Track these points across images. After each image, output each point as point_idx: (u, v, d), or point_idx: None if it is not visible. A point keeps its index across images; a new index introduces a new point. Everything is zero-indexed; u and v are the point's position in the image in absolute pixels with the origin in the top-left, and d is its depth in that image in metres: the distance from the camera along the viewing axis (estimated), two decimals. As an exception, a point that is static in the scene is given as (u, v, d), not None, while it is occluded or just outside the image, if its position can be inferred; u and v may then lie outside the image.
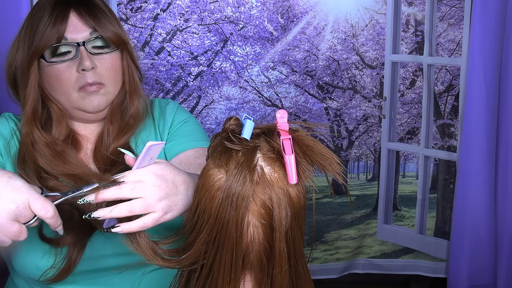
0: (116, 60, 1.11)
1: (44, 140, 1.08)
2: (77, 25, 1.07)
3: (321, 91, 2.19)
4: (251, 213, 0.76)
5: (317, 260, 2.31)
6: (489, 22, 1.85)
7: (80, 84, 1.07)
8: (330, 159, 0.77)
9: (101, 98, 1.10)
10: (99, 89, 1.09)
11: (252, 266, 0.78)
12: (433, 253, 2.26)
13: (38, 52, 1.06)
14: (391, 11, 2.13)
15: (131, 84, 1.14)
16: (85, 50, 1.06)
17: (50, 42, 1.05)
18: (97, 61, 1.08)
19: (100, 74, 1.08)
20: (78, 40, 1.06)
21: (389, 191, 2.30)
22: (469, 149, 1.96)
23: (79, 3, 1.08)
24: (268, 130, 0.80)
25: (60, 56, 1.07)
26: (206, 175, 0.79)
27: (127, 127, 1.14)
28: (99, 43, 1.09)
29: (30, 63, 1.07)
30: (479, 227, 2.01)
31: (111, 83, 1.10)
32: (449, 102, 2.14)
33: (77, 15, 1.07)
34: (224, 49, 2.09)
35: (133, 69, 1.14)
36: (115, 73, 1.11)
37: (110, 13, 1.11)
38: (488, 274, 2.04)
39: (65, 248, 1.05)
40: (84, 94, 1.08)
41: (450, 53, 2.09)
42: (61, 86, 1.08)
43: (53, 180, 1.07)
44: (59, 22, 1.05)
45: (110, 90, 1.11)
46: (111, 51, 1.10)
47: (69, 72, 1.07)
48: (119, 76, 1.12)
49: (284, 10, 2.09)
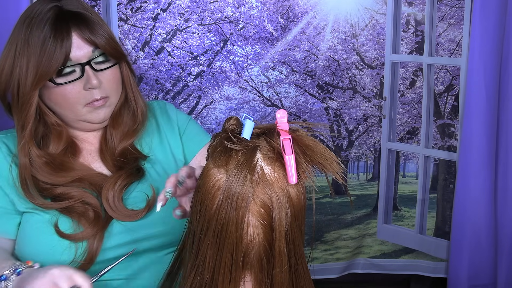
0: (116, 72, 1.15)
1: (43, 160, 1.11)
2: (79, 44, 1.08)
3: (321, 91, 2.19)
4: (251, 213, 0.76)
5: (317, 260, 2.31)
6: (489, 22, 1.85)
7: (87, 100, 1.11)
8: (330, 159, 0.77)
9: (107, 110, 1.15)
10: (105, 103, 1.14)
11: (252, 266, 0.78)
12: (433, 253, 2.26)
13: (47, 76, 1.06)
14: (391, 11, 2.13)
15: (134, 93, 1.19)
16: (90, 69, 1.10)
17: (59, 65, 1.06)
18: (101, 76, 1.12)
19: (105, 88, 1.13)
20: (81, 60, 1.09)
21: (389, 191, 2.30)
22: (469, 149, 1.96)
23: (78, 21, 1.08)
24: (268, 130, 0.80)
25: (66, 76, 1.09)
26: (206, 175, 0.79)
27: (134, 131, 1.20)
28: (101, 58, 1.12)
29: (36, 87, 1.07)
30: (479, 227, 2.00)
31: (114, 94, 1.16)
32: (449, 102, 2.14)
33: (78, 34, 1.08)
34: (224, 49, 2.09)
35: (132, 77, 1.19)
36: (117, 85, 1.16)
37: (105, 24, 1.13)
38: (488, 274, 2.04)
39: (85, 241, 1.10)
40: (91, 108, 1.13)
41: (450, 53, 2.09)
42: (69, 104, 1.11)
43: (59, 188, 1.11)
44: (64, 44, 1.06)
45: (113, 101, 1.16)
46: (112, 65, 1.13)
47: (76, 90, 1.10)
48: (120, 86, 1.17)
49: (284, 10, 2.09)
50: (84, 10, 1.11)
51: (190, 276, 0.80)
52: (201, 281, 0.78)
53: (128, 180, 1.16)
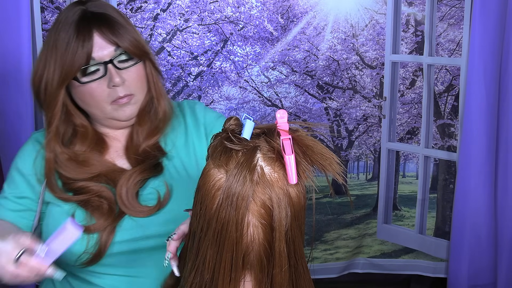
0: (140, 70, 1.18)
1: (66, 156, 1.17)
2: (101, 44, 1.13)
3: (321, 91, 2.19)
4: (251, 213, 0.76)
5: (317, 260, 2.31)
6: (489, 22, 1.85)
7: (112, 98, 1.15)
8: (330, 159, 0.77)
9: (132, 107, 1.18)
10: (129, 100, 1.17)
11: (252, 266, 0.78)
12: (433, 253, 2.26)
13: (71, 75, 1.13)
14: (391, 11, 2.13)
15: (156, 90, 1.22)
16: (113, 67, 1.13)
17: (82, 64, 1.12)
18: (124, 74, 1.15)
19: (129, 86, 1.16)
20: (104, 59, 1.13)
21: (389, 191, 2.30)
22: (469, 149, 1.96)
23: (100, 22, 1.13)
24: (268, 130, 0.80)
25: (90, 75, 1.14)
26: (206, 175, 0.79)
27: (157, 129, 1.23)
28: (124, 57, 1.15)
29: (61, 86, 1.14)
30: (479, 227, 2.01)
31: (139, 91, 1.18)
32: (449, 102, 2.14)
33: (100, 34, 1.13)
34: (224, 49, 2.09)
35: (156, 76, 1.22)
36: (141, 82, 1.18)
37: (128, 25, 1.17)
38: (488, 274, 2.04)
39: (96, 233, 1.14)
40: (116, 106, 1.16)
41: (450, 53, 2.09)
42: (95, 102, 1.16)
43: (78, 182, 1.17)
44: (86, 44, 1.11)
45: (139, 98, 1.19)
46: (135, 63, 1.17)
47: (100, 88, 1.14)
48: (144, 84, 1.20)
49: (284, 10, 2.10)
50: (106, 11, 1.16)
51: (190, 276, 0.80)
52: (201, 281, 0.78)
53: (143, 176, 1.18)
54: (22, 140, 1.83)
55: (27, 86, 1.82)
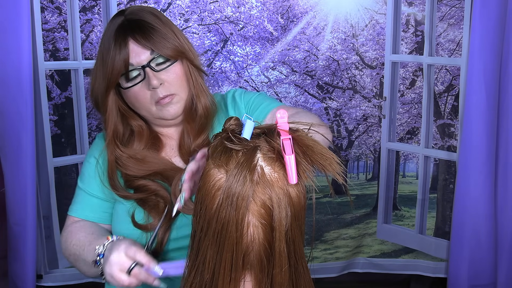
0: (179, 70, 1.23)
1: (126, 155, 1.26)
2: (137, 50, 1.19)
3: (321, 91, 2.19)
4: (251, 213, 0.76)
5: (316, 259, 2.31)
6: (489, 22, 1.85)
7: (155, 99, 1.21)
8: (330, 159, 0.77)
9: (176, 106, 1.24)
10: (171, 100, 1.22)
11: (252, 266, 0.78)
12: (433, 253, 2.26)
13: (113, 82, 1.21)
14: (391, 11, 2.13)
15: (195, 87, 1.27)
16: (150, 71, 1.20)
17: (121, 71, 1.20)
18: (163, 75, 1.21)
19: (169, 86, 1.22)
20: (142, 63, 1.20)
21: (389, 191, 2.30)
22: (469, 149, 1.96)
23: (134, 30, 1.20)
24: (268, 130, 0.80)
25: (132, 80, 1.21)
26: (207, 175, 0.79)
27: (202, 126, 1.28)
28: (161, 59, 1.21)
29: (108, 92, 1.23)
30: (479, 227, 2.01)
31: (181, 90, 1.24)
32: (449, 102, 2.14)
33: (135, 41, 1.19)
34: (224, 49, 2.09)
35: (195, 72, 1.27)
36: (181, 81, 1.24)
37: (164, 27, 1.23)
38: (488, 274, 2.04)
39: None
40: (160, 107, 1.22)
41: (450, 53, 2.09)
42: (141, 104, 1.23)
43: (138, 180, 1.25)
44: (123, 51, 1.19)
45: (182, 97, 1.24)
46: (172, 64, 1.22)
47: (143, 91, 1.21)
48: (185, 83, 1.25)
49: (284, 10, 2.09)
50: (142, 18, 1.22)
51: (190, 276, 0.80)
52: (201, 281, 0.78)
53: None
54: (22, 140, 1.84)
55: (27, 86, 1.82)
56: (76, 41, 2.01)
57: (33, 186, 1.89)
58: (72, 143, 2.10)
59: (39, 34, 1.92)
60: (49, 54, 1.98)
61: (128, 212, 1.25)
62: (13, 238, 1.94)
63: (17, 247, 1.93)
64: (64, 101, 2.06)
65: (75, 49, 2.02)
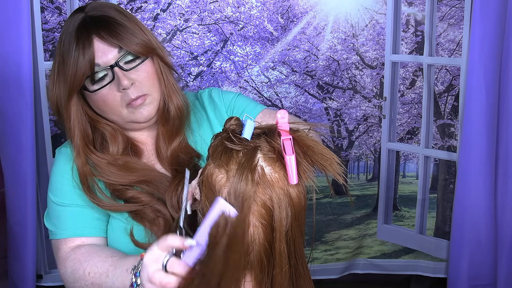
0: (149, 68, 1.13)
1: (105, 160, 1.14)
2: (103, 49, 1.09)
3: (321, 91, 2.19)
4: (252, 213, 0.76)
5: (317, 260, 2.31)
6: (489, 22, 1.85)
7: (126, 101, 1.11)
8: (331, 159, 0.77)
9: (149, 108, 1.14)
10: (144, 101, 1.12)
11: (252, 266, 0.78)
12: (433, 253, 2.26)
13: (76, 86, 1.09)
14: (391, 11, 2.13)
15: (166, 86, 1.17)
16: (119, 70, 1.10)
17: (86, 74, 1.08)
18: (133, 74, 1.11)
19: (140, 86, 1.12)
20: (109, 63, 1.09)
21: (389, 191, 2.30)
22: (469, 149, 1.96)
23: (98, 26, 1.09)
24: (269, 130, 0.80)
25: (99, 82, 1.10)
26: (207, 175, 0.79)
27: (176, 128, 1.18)
28: (129, 57, 1.11)
29: (70, 98, 1.11)
30: (479, 227, 2.00)
31: (153, 90, 1.14)
32: (449, 102, 2.14)
33: (100, 39, 1.09)
34: (224, 49, 2.09)
35: (166, 71, 1.17)
36: (153, 80, 1.14)
37: (130, 23, 1.12)
38: (488, 274, 2.04)
39: None
40: (132, 109, 1.12)
41: (450, 53, 2.09)
42: (110, 108, 1.12)
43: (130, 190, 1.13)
44: (87, 51, 1.07)
45: (154, 97, 1.15)
46: (142, 61, 1.12)
47: (112, 93, 1.11)
48: (157, 81, 1.15)
49: (284, 10, 2.09)
50: (105, 13, 1.11)
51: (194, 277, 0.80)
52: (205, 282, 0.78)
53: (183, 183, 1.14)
54: (22, 141, 1.84)
55: (27, 86, 1.82)
56: (76, 41, 2.01)
57: (33, 186, 1.89)
58: (72, 143, 2.09)
59: (39, 34, 1.92)
60: (49, 54, 1.98)
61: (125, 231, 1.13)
62: (13, 238, 1.94)
63: (17, 247, 1.93)
64: (64, 101, 2.06)
65: (75, 49, 2.02)
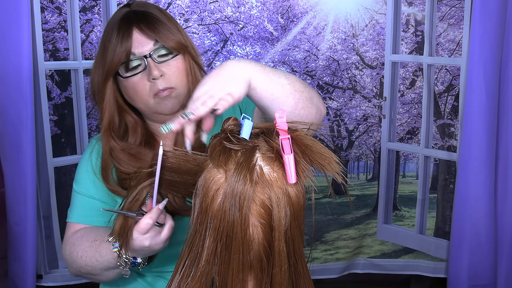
0: (180, 64, 1.22)
1: (119, 147, 1.24)
2: (141, 40, 1.19)
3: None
4: (251, 213, 0.76)
5: (317, 260, 2.31)
6: (489, 22, 1.85)
7: (153, 91, 1.20)
8: (329, 158, 0.77)
9: (174, 101, 1.22)
10: (170, 93, 1.20)
11: (252, 266, 0.78)
12: (433, 253, 2.26)
13: (112, 71, 1.20)
14: (391, 11, 2.13)
15: (193, 84, 1.23)
16: (152, 61, 1.19)
17: (121, 60, 1.19)
18: (164, 67, 1.20)
19: (169, 79, 1.20)
20: (144, 53, 1.19)
21: (389, 191, 2.30)
22: (469, 149, 1.96)
23: (140, 20, 1.20)
24: (267, 129, 0.80)
25: (132, 70, 1.20)
26: (206, 175, 0.79)
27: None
28: (163, 51, 1.20)
29: (106, 81, 1.22)
30: (479, 227, 2.00)
31: (180, 85, 1.22)
32: (449, 102, 2.14)
33: (139, 31, 1.19)
34: (224, 49, 2.09)
35: (195, 68, 1.25)
36: (182, 76, 1.22)
37: (169, 21, 1.23)
38: (488, 274, 2.04)
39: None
40: (159, 99, 1.20)
41: (450, 53, 2.09)
42: (139, 96, 1.21)
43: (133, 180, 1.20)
44: (125, 40, 1.18)
45: (180, 92, 1.22)
46: (174, 57, 1.21)
47: (142, 82, 1.20)
48: (185, 77, 1.23)
49: (284, 10, 2.09)
50: (148, 10, 1.23)
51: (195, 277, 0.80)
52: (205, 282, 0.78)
53: None
54: (22, 140, 1.84)
55: (27, 86, 1.82)
56: (76, 41, 2.01)
57: (33, 186, 1.89)
58: (72, 143, 2.10)
59: (39, 34, 1.92)
60: (49, 54, 1.98)
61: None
62: (13, 238, 1.94)
63: (17, 247, 1.93)
64: (64, 101, 2.06)
65: (75, 49, 2.02)
